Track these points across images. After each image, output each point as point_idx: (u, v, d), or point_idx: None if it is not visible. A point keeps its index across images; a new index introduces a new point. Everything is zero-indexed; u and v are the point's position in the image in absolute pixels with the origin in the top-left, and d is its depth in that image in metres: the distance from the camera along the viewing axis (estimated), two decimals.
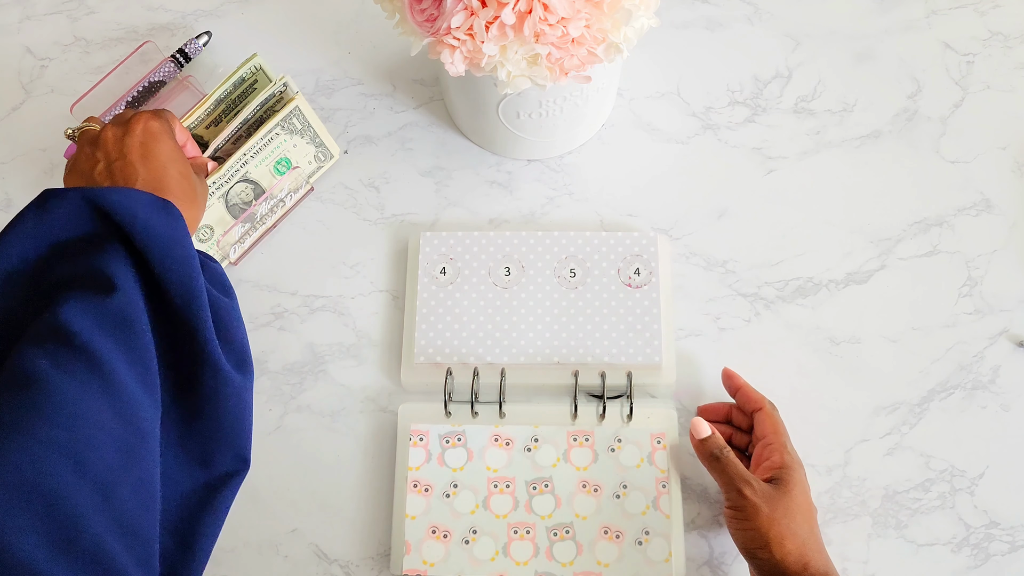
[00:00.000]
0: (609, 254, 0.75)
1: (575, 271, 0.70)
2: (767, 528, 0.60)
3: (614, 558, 0.68)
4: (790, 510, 0.61)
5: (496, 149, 0.82)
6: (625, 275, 0.70)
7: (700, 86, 0.85)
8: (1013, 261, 0.78)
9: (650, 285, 0.73)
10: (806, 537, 0.60)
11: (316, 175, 0.82)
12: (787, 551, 0.59)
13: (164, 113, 0.64)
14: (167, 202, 0.55)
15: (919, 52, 0.86)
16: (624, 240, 0.75)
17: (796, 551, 0.59)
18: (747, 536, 0.62)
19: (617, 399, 0.72)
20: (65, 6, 0.90)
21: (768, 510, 0.60)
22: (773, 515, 0.60)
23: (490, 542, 0.69)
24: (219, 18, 0.89)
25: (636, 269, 0.70)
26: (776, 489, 0.62)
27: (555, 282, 0.74)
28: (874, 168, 0.82)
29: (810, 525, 0.62)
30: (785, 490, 0.61)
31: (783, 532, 0.60)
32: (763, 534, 0.60)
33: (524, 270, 0.74)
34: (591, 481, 0.71)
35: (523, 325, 0.73)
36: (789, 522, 0.60)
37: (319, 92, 0.86)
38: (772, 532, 0.60)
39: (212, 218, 0.76)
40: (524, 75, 0.64)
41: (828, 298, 0.77)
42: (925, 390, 0.74)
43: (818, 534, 0.62)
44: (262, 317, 0.78)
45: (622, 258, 0.73)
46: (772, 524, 0.60)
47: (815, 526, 0.63)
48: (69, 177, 0.60)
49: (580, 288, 0.71)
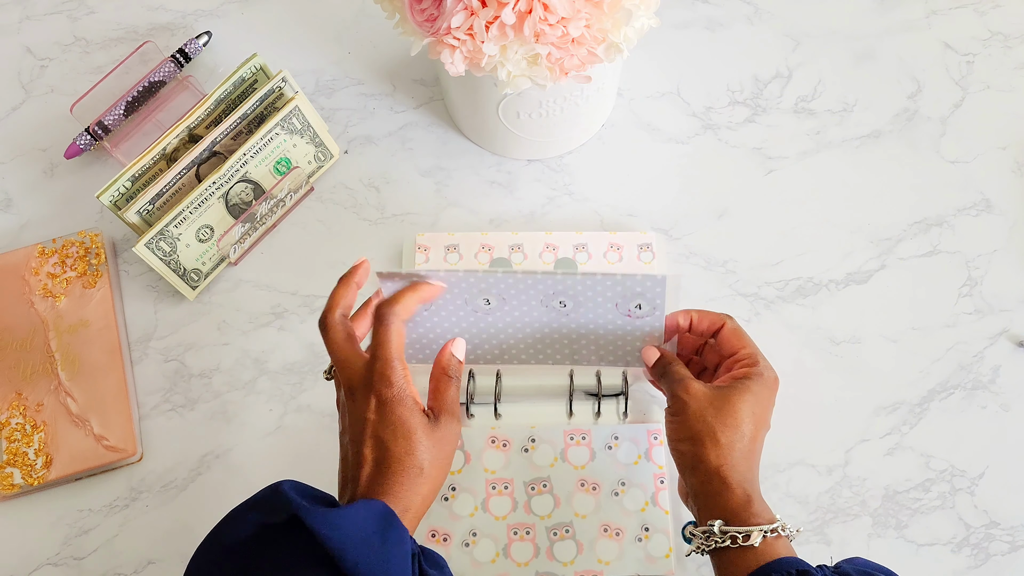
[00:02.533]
0: (605, 292, 0.62)
1: (565, 303, 0.63)
2: (692, 423, 0.59)
3: (615, 556, 0.68)
4: (722, 413, 0.59)
5: (496, 149, 0.82)
6: (624, 309, 0.64)
7: (700, 86, 0.85)
8: (1013, 261, 0.78)
9: (653, 317, 0.64)
10: (731, 444, 0.58)
11: (316, 175, 0.82)
12: (705, 449, 0.58)
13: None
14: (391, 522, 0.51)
15: (919, 52, 0.86)
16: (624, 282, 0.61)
17: (715, 451, 0.58)
18: (672, 427, 0.61)
19: (613, 397, 0.72)
20: (65, 6, 0.90)
21: (696, 407, 0.59)
22: (702, 413, 0.59)
23: (490, 544, 0.69)
24: (219, 18, 0.89)
25: (638, 304, 0.63)
26: (717, 392, 0.60)
27: (543, 310, 0.65)
28: (874, 168, 0.82)
29: (742, 435, 0.59)
30: (727, 396, 0.59)
31: (703, 431, 0.58)
32: (687, 427, 0.59)
33: (505, 301, 0.64)
34: (589, 479, 0.71)
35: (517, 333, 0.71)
36: (717, 424, 0.58)
37: (319, 92, 0.86)
38: (695, 428, 0.59)
39: (212, 218, 0.76)
40: (524, 75, 0.64)
41: (828, 298, 0.77)
42: (925, 390, 0.74)
43: (751, 448, 0.60)
44: (262, 317, 0.78)
45: (621, 296, 0.62)
46: (697, 420, 0.59)
47: (752, 439, 0.60)
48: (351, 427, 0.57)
49: (572, 315, 0.64)
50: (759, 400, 0.60)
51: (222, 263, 0.79)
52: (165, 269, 0.75)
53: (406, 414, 0.55)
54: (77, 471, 0.71)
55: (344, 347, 0.57)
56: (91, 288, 0.77)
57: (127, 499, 0.72)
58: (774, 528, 0.56)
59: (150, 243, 0.73)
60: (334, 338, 0.58)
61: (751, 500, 0.57)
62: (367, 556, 0.48)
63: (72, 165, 0.83)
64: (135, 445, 0.73)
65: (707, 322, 0.64)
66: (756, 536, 0.55)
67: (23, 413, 0.73)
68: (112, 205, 0.74)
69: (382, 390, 0.55)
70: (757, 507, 0.57)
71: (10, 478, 0.71)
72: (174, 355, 0.77)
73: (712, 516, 0.57)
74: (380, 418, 0.55)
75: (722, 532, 0.56)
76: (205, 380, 0.76)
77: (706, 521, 0.57)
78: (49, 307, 0.76)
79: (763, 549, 0.55)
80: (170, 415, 0.75)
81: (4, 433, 0.72)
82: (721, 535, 0.56)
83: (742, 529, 0.56)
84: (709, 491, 0.58)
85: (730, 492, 0.57)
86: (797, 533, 0.58)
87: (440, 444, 0.56)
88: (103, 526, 0.72)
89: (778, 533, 0.56)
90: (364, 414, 0.55)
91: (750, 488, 0.58)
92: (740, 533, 0.56)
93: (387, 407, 0.55)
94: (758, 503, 0.57)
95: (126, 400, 0.73)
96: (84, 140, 0.81)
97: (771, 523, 0.56)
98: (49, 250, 0.78)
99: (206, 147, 0.74)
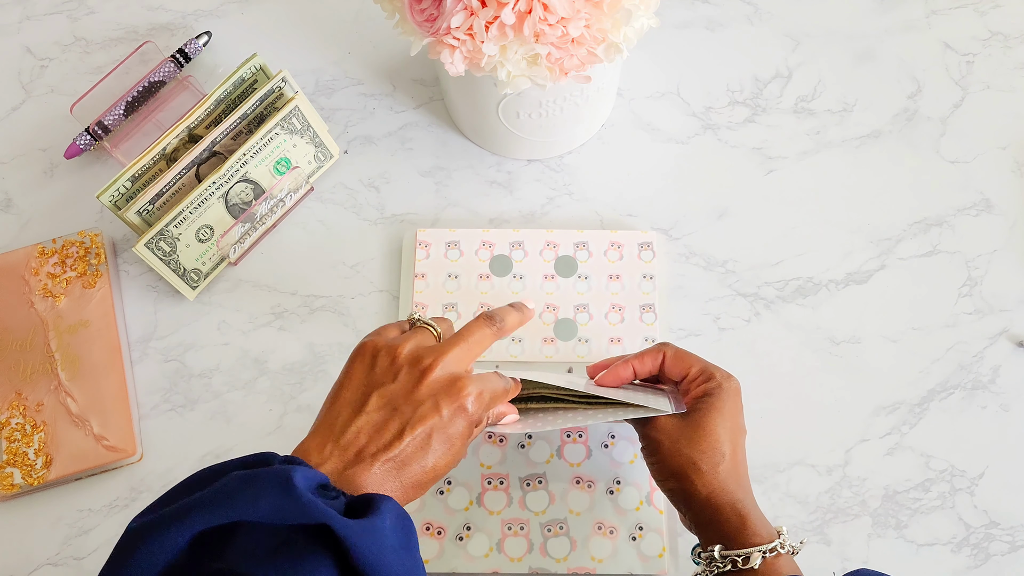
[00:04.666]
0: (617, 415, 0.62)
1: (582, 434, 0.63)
2: (669, 460, 0.59)
3: (608, 554, 0.68)
4: (695, 440, 0.59)
5: (496, 149, 0.82)
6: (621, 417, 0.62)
7: (700, 86, 0.85)
8: (1013, 261, 0.78)
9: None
10: (713, 469, 0.58)
11: (316, 175, 0.82)
12: (691, 482, 0.58)
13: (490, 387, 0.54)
14: (410, 530, 0.47)
15: (919, 52, 0.86)
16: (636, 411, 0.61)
17: (700, 481, 0.58)
18: (654, 470, 0.61)
19: None
20: (65, 6, 0.90)
21: (669, 442, 0.59)
22: (676, 447, 0.59)
23: (484, 538, 0.69)
24: (219, 18, 0.89)
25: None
26: (685, 421, 0.60)
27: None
28: (874, 168, 0.82)
29: (722, 455, 0.59)
30: (696, 421, 0.59)
31: (684, 465, 0.58)
32: (667, 466, 0.59)
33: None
34: (585, 477, 0.71)
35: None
36: (694, 453, 0.58)
37: (319, 92, 0.86)
38: (675, 464, 0.59)
39: (212, 218, 0.76)
40: (524, 75, 0.64)
41: (828, 298, 0.77)
42: (925, 390, 0.74)
43: (734, 464, 0.59)
44: (262, 317, 0.78)
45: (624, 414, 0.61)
46: (674, 455, 0.59)
47: (733, 455, 0.59)
48: (358, 359, 0.53)
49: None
50: (727, 412, 0.60)
51: (222, 263, 0.79)
52: (165, 269, 0.75)
53: (465, 444, 0.52)
54: (77, 471, 0.71)
55: (477, 351, 0.55)
56: (91, 288, 0.77)
57: (127, 499, 0.72)
58: (773, 548, 0.56)
59: (150, 243, 0.73)
60: (486, 343, 0.55)
61: (745, 521, 0.57)
62: (396, 569, 0.44)
63: (72, 165, 0.83)
64: (135, 445, 0.73)
65: (649, 361, 0.64)
66: (756, 558, 0.55)
67: (23, 413, 0.73)
68: (112, 205, 0.74)
69: (473, 410, 0.52)
70: (754, 526, 0.57)
71: (10, 478, 0.71)
72: (174, 355, 0.77)
73: (712, 542, 0.58)
74: (447, 424, 0.51)
75: (722, 557, 0.57)
76: (205, 380, 0.76)
77: (707, 547, 0.58)
78: (49, 307, 0.76)
79: (764, 570, 0.55)
80: (170, 415, 0.75)
81: (4, 433, 0.72)
82: (722, 560, 0.56)
83: (741, 552, 0.56)
84: (703, 520, 0.58)
85: (724, 518, 0.57)
86: (801, 545, 0.58)
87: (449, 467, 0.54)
88: (103, 526, 0.72)
89: (777, 552, 0.56)
90: (437, 406, 0.51)
91: (742, 507, 0.58)
92: (739, 556, 0.56)
93: (461, 423, 0.51)
94: (754, 521, 0.57)
95: (126, 400, 0.73)
96: (84, 140, 0.81)
97: (770, 542, 0.56)
98: (49, 250, 0.78)
99: (206, 147, 0.74)
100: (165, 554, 0.42)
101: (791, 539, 0.58)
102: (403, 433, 0.50)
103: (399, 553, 0.45)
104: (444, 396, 0.51)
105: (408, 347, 0.53)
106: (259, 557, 0.42)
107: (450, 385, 0.51)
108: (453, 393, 0.51)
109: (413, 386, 0.51)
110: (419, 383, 0.51)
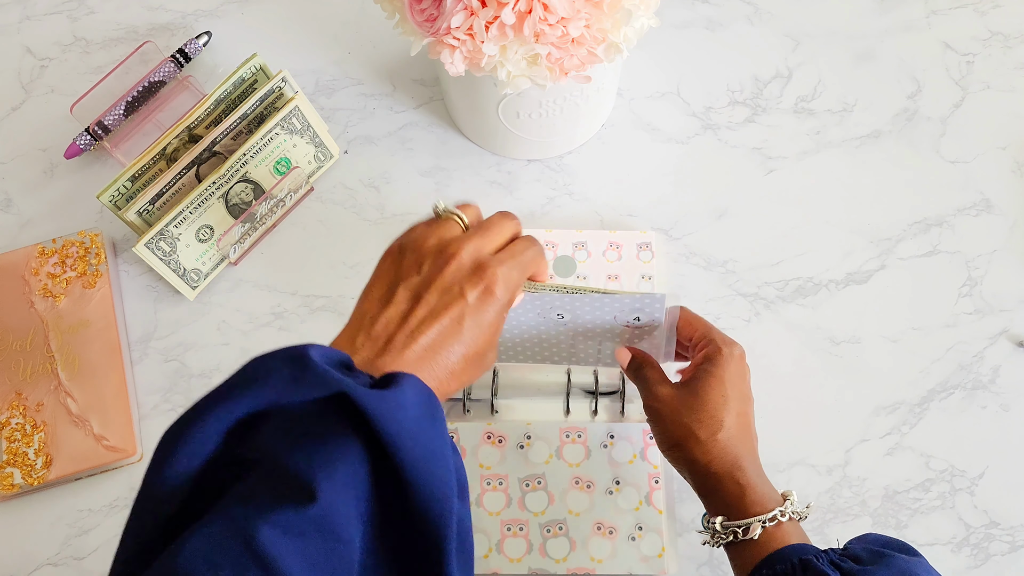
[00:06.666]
0: (603, 307, 0.62)
1: (562, 315, 0.62)
2: (670, 429, 0.59)
3: (607, 554, 0.68)
4: (695, 409, 0.59)
5: (496, 149, 0.82)
6: (623, 320, 0.63)
7: (700, 86, 0.85)
8: (1013, 261, 0.78)
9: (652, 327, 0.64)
10: (712, 438, 0.58)
11: (316, 175, 0.82)
12: (690, 451, 0.58)
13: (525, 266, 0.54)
14: (435, 406, 0.46)
15: (919, 52, 0.86)
16: (622, 299, 0.61)
17: (699, 450, 0.58)
18: (657, 439, 0.61)
19: (610, 395, 0.72)
20: (65, 6, 0.90)
21: (668, 412, 0.59)
22: (677, 416, 0.59)
23: (483, 539, 0.69)
24: (219, 18, 0.89)
25: (636, 317, 0.62)
26: (685, 390, 0.60)
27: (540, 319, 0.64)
28: (874, 168, 0.82)
29: (721, 424, 0.58)
30: (695, 390, 0.59)
31: (683, 434, 0.59)
32: (668, 435, 0.60)
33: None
34: (584, 477, 0.71)
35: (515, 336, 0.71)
36: (693, 423, 0.58)
37: (319, 92, 0.86)
38: (675, 433, 0.59)
39: (212, 218, 0.76)
40: (524, 75, 0.64)
41: (828, 298, 0.77)
42: (925, 390, 0.74)
43: (737, 432, 0.59)
44: (262, 317, 0.78)
45: (619, 311, 0.62)
46: (674, 425, 0.59)
47: (736, 424, 0.59)
48: (386, 258, 0.53)
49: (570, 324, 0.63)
50: (728, 380, 0.59)
51: (222, 263, 0.79)
52: (165, 269, 0.75)
53: (497, 332, 0.52)
54: (77, 471, 0.71)
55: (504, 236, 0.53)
56: (91, 288, 0.77)
57: (127, 499, 0.72)
58: (772, 516, 0.55)
59: (150, 243, 0.73)
60: (506, 233, 0.54)
61: (745, 490, 0.57)
62: (421, 444, 0.43)
63: (72, 165, 0.83)
64: (135, 445, 0.73)
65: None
66: (756, 528, 0.55)
67: (23, 413, 0.73)
68: (112, 205, 0.74)
69: (500, 294, 0.51)
70: (753, 495, 0.56)
71: (10, 478, 0.71)
72: (174, 355, 0.77)
73: (715, 512, 0.58)
74: (476, 309, 0.50)
75: (724, 528, 0.56)
76: (205, 380, 0.76)
77: (712, 517, 0.58)
78: (49, 307, 0.76)
79: (764, 540, 0.55)
80: (170, 415, 0.75)
81: (4, 433, 0.72)
82: (724, 531, 0.56)
83: (741, 523, 0.56)
84: (706, 489, 0.58)
85: (723, 487, 0.57)
86: (808, 510, 0.57)
87: (484, 359, 0.52)
88: (103, 526, 0.72)
89: (778, 520, 0.55)
90: (462, 291, 0.50)
91: (742, 475, 0.57)
92: (740, 527, 0.55)
93: (490, 309, 0.51)
94: (755, 490, 0.57)
95: (126, 400, 0.73)
96: (84, 140, 0.81)
97: (770, 511, 0.55)
98: (49, 250, 0.78)
99: (206, 147, 0.74)
100: (199, 452, 0.41)
101: (798, 505, 0.57)
102: (430, 319, 0.50)
103: (421, 423, 0.44)
104: (468, 281, 0.51)
105: (432, 239, 0.53)
106: (286, 441, 0.42)
107: (475, 270, 0.51)
108: (477, 277, 0.51)
109: (436, 274, 0.51)
110: (442, 270, 0.51)
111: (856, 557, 0.53)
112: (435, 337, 0.49)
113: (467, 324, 0.50)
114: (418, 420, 0.44)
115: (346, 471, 0.41)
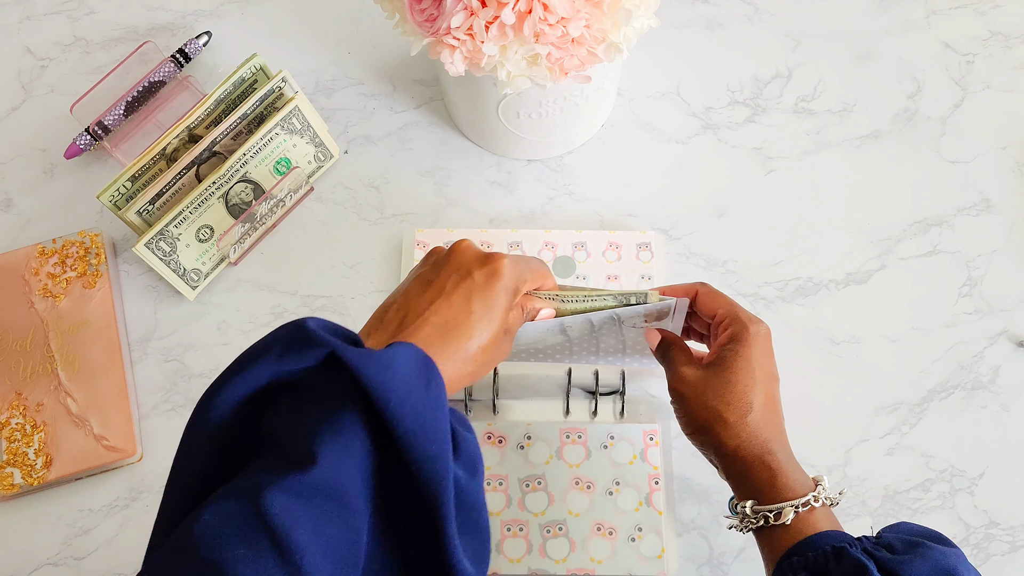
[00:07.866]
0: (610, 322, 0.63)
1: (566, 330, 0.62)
2: (696, 413, 0.58)
3: (607, 555, 0.68)
4: (721, 392, 0.57)
5: (496, 149, 0.82)
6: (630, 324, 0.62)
7: (700, 86, 0.85)
8: (1013, 261, 0.78)
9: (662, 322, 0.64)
10: (740, 421, 0.56)
11: (316, 175, 0.82)
12: (717, 435, 0.57)
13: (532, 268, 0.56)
14: (430, 371, 0.46)
15: (919, 52, 0.86)
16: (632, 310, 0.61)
17: (727, 434, 0.57)
18: (682, 423, 0.60)
19: (610, 396, 0.72)
20: (65, 6, 0.90)
21: (694, 395, 0.58)
22: (702, 400, 0.58)
23: None
24: (219, 18, 0.89)
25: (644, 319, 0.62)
26: (710, 372, 0.58)
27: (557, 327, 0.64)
28: (874, 168, 0.82)
29: (749, 406, 0.57)
30: (720, 372, 0.58)
31: (710, 418, 0.57)
32: (694, 419, 0.58)
33: None
34: (584, 478, 0.71)
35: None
36: (720, 405, 0.57)
37: (319, 92, 0.86)
38: (701, 417, 0.58)
39: (212, 218, 0.76)
40: (524, 75, 0.64)
41: (828, 298, 0.77)
42: (925, 390, 0.74)
43: (765, 414, 0.57)
44: (262, 317, 0.78)
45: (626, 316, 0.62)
46: (700, 408, 0.58)
47: (764, 405, 0.57)
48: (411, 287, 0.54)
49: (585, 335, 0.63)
50: (753, 361, 0.58)
51: (222, 263, 0.79)
52: (165, 269, 0.75)
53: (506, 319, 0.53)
54: (77, 471, 0.71)
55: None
56: (91, 288, 0.77)
57: (127, 499, 0.72)
58: (806, 502, 0.54)
59: (150, 243, 0.73)
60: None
61: (776, 475, 0.55)
62: (412, 402, 0.43)
63: (72, 165, 0.83)
64: (135, 445, 0.73)
65: (680, 291, 0.62)
66: (788, 513, 0.54)
67: (23, 413, 0.73)
68: (112, 205, 0.74)
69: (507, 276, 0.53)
70: (785, 479, 0.55)
71: (10, 478, 0.71)
72: (174, 355, 0.77)
73: (744, 497, 0.56)
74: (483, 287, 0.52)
75: (754, 513, 0.55)
76: (205, 380, 0.76)
77: (740, 502, 0.56)
78: (49, 307, 0.76)
79: (797, 525, 0.54)
80: (170, 415, 0.75)
81: (4, 433, 0.72)
82: (754, 515, 0.55)
83: (772, 508, 0.54)
84: (734, 474, 0.57)
85: (753, 472, 0.56)
86: (840, 497, 0.56)
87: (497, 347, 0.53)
88: (103, 526, 0.72)
89: (811, 505, 0.54)
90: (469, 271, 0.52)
91: (772, 459, 0.56)
92: (771, 512, 0.54)
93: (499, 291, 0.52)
94: (787, 474, 0.55)
95: (126, 400, 0.73)
96: (84, 140, 0.81)
97: (802, 496, 0.54)
98: (49, 250, 0.78)
99: (206, 147, 0.74)
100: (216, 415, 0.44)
101: (830, 491, 0.56)
102: (439, 296, 0.51)
103: (412, 382, 0.44)
104: (475, 263, 0.53)
105: (450, 246, 0.56)
106: (290, 413, 0.44)
107: (482, 256, 0.54)
108: (483, 260, 0.53)
109: (446, 264, 0.54)
110: (451, 260, 0.54)
111: (890, 546, 0.52)
112: (446, 314, 0.51)
113: (476, 303, 0.51)
114: (408, 380, 0.44)
115: (346, 435, 0.42)
